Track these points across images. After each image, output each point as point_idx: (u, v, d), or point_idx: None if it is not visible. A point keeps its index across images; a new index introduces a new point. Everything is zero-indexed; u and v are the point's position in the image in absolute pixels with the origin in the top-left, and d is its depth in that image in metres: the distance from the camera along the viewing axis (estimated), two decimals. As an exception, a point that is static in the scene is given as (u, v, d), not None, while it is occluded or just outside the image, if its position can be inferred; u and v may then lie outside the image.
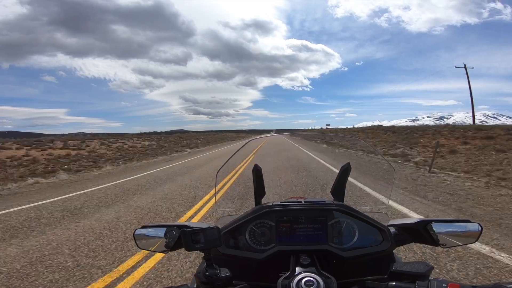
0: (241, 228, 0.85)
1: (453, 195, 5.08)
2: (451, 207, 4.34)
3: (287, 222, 0.85)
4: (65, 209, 5.12)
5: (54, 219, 4.47)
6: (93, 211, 4.88)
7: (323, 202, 0.87)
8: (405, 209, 4.18)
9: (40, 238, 3.58)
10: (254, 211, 0.86)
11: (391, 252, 0.84)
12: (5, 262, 2.89)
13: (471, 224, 0.77)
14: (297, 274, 0.66)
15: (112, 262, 2.81)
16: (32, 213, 4.92)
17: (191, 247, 0.71)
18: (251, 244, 0.84)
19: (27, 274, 2.62)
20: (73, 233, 3.73)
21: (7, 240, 3.59)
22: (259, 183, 0.95)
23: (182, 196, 5.86)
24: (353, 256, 0.81)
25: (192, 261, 2.71)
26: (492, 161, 8.08)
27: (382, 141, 17.27)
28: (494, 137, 11.17)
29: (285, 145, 19.19)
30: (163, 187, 7.06)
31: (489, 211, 4.06)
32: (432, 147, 10.22)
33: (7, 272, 2.68)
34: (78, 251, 3.11)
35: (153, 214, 4.61)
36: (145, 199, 5.76)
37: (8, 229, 4.03)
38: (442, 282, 0.59)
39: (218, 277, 0.68)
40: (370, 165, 9.07)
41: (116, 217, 4.46)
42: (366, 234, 0.84)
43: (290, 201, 0.89)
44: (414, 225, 0.79)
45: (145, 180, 8.30)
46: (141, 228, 0.79)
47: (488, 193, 5.10)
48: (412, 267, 0.63)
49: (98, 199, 5.90)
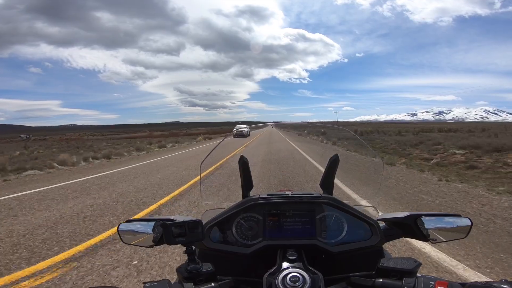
0: (227, 222, 0.83)
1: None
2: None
3: (274, 216, 0.83)
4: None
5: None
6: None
7: (311, 194, 0.85)
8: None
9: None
10: (240, 204, 0.84)
11: (381, 247, 0.83)
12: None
13: (461, 218, 0.75)
14: (283, 269, 0.64)
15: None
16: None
17: (171, 240, 0.69)
18: (238, 238, 0.82)
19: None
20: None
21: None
22: (246, 175, 0.92)
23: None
24: (341, 252, 0.79)
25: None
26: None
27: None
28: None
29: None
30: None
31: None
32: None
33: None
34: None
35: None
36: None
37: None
38: (429, 279, 0.58)
39: (200, 272, 0.66)
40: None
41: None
42: (355, 228, 0.82)
43: (277, 194, 0.86)
44: (404, 219, 0.77)
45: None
46: (125, 223, 0.77)
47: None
48: (400, 263, 0.61)
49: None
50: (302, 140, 10.97)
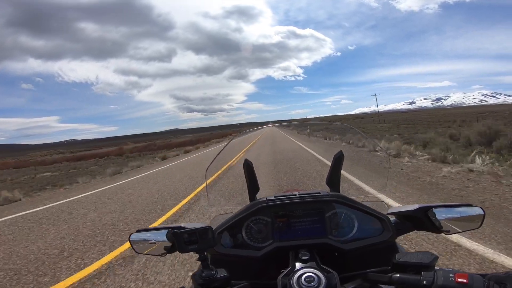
0: (236, 226, 0.83)
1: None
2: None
3: (283, 217, 0.82)
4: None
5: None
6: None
7: (318, 193, 0.85)
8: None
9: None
10: (247, 208, 0.84)
11: (394, 242, 0.82)
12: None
13: (472, 208, 0.74)
14: (297, 270, 0.64)
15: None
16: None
17: (184, 248, 0.69)
18: (248, 241, 0.82)
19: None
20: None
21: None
22: (252, 179, 0.92)
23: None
24: (354, 248, 0.78)
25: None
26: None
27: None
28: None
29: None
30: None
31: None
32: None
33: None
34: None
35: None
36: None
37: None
38: (449, 272, 0.56)
39: (215, 278, 0.66)
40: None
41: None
42: (366, 224, 0.81)
43: (284, 195, 0.86)
44: (414, 212, 0.76)
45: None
46: (136, 233, 0.77)
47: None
48: (416, 257, 0.60)
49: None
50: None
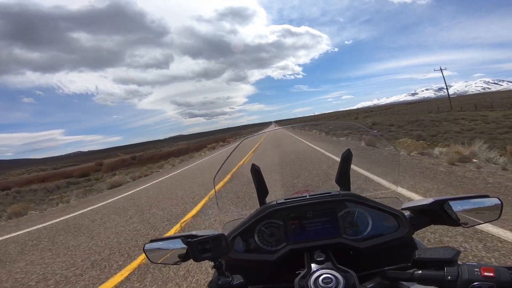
0: (248, 231, 0.83)
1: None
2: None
3: (295, 219, 0.82)
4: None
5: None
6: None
7: (328, 193, 0.84)
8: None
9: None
10: (258, 213, 0.83)
11: (411, 238, 0.81)
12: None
13: (489, 199, 0.72)
14: (314, 272, 0.63)
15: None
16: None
17: (198, 257, 0.69)
18: (262, 245, 0.82)
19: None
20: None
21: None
22: (260, 183, 0.92)
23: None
24: (370, 246, 0.77)
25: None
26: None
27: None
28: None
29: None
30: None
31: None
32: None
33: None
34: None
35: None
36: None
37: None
38: (473, 267, 0.54)
39: (231, 285, 0.66)
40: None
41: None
42: (380, 221, 0.80)
43: (294, 197, 0.85)
44: (430, 205, 0.74)
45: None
46: (150, 243, 0.78)
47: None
48: (438, 252, 0.58)
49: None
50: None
